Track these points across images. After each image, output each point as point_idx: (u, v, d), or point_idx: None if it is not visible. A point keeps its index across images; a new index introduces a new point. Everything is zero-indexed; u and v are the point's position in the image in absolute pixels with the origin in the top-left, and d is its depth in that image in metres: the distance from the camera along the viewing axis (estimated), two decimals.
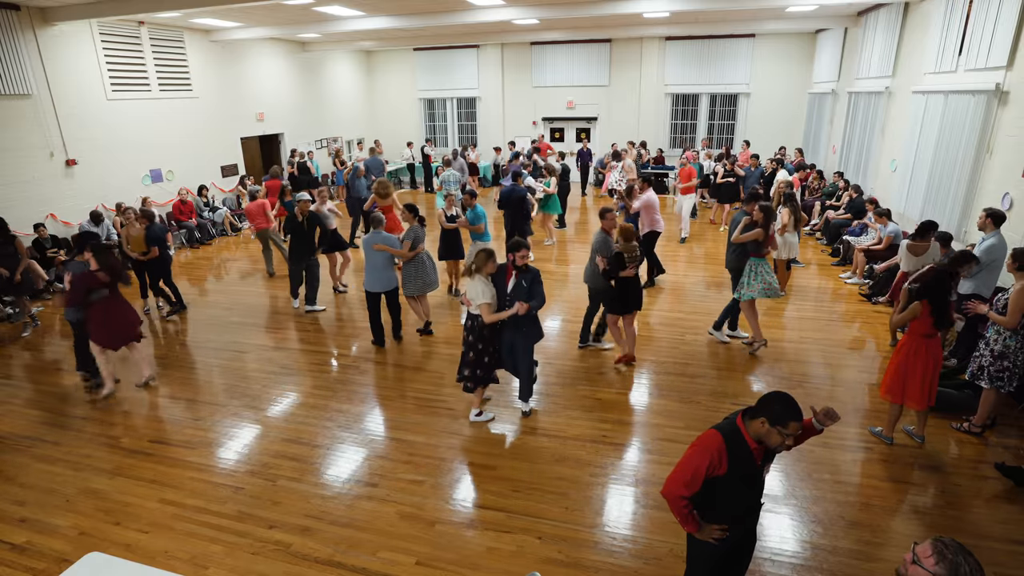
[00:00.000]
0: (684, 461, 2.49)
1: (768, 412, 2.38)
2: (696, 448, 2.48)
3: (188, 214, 11.56)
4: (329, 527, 3.84)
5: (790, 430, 2.36)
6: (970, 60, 7.36)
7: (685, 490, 2.46)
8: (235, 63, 13.36)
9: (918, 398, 4.36)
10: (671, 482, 2.50)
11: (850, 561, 3.47)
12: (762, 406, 2.41)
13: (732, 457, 2.42)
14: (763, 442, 2.42)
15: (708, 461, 2.41)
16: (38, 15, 9.10)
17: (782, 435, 2.37)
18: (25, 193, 9.12)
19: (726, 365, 6.02)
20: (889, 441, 4.60)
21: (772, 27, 13.76)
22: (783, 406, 2.38)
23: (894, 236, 8.00)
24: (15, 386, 5.98)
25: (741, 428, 2.46)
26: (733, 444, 2.43)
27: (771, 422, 2.36)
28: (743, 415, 2.49)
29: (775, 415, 2.36)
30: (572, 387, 5.62)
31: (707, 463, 2.41)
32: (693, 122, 16.89)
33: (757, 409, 2.43)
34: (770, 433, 2.38)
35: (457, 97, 18.46)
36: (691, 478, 2.44)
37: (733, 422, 2.49)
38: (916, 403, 4.40)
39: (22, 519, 3.99)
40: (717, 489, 2.46)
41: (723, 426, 2.50)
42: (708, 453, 2.42)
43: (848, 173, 11.55)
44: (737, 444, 2.43)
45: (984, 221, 5.69)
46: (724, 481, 2.44)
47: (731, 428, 2.47)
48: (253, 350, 6.66)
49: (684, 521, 2.58)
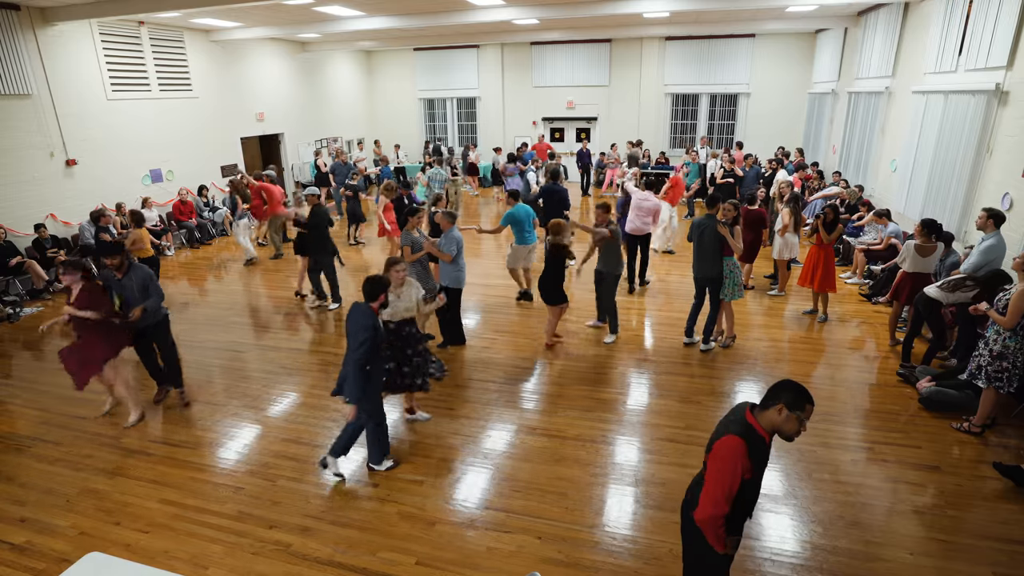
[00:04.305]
0: (715, 478, 2.37)
1: (785, 398, 2.35)
2: (724, 461, 2.37)
3: (188, 214, 11.56)
4: (329, 527, 3.84)
5: (807, 413, 2.35)
6: (970, 60, 7.36)
7: (725, 507, 2.35)
8: (235, 63, 13.36)
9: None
10: (710, 506, 2.36)
11: (850, 561, 3.47)
12: (775, 394, 2.39)
13: (753, 457, 2.38)
14: (779, 431, 2.40)
15: (740, 470, 2.34)
16: (38, 15, 9.09)
17: (800, 420, 2.35)
18: (25, 193, 9.12)
19: (726, 365, 6.02)
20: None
21: (772, 27, 13.76)
22: (796, 391, 2.37)
23: (894, 236, 8.00)
24: (15, 386, 5.97)
25: (753, 423, 2.41)
26: (752, 443, 2.38)
27: (789, 408, 2.34)
28: (751, 409, 2.45)
29: (792, 400, 2.34)
30: (572, 387, 5.62)
31: (740, 473, 2.34)
32: (693, 122, 16.90)
33: (770, 398, 2.40)
34: (788, 420, 2.35)
35: (457, 97, 18.46)
36: (728, 492, 2.35)
37: (743, 420, 2.43)
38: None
39: (22, 519, 3.99)
40: (740, 494, 2.40)
41: (737, 428, 2.41)
42: (737, 461, 2.34)
43: (848, 173, 11.55)
44: (755, 442, 2.39)
45: (984, 221, 5.69)
46: (748, 484, 2.39)
47: (745, 427, 2.40)
48: (253, 350, 6.66)
49: (718, 541, 2.45)
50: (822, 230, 6.72)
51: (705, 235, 5.92)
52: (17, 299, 8.13)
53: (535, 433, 4.86)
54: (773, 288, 8.16)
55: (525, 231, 7.55)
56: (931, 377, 5.34)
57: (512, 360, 6.22)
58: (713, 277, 6.01)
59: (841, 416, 5.02)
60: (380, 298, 4.02)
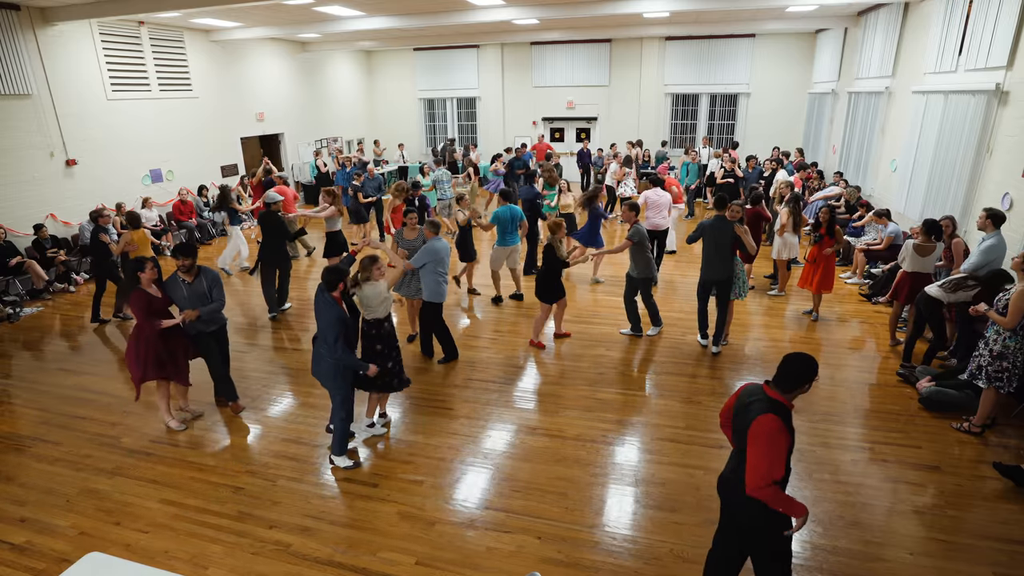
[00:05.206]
0: (759, 453, 2.45)
1: (813, 374, 2.55)
2: (768, 436, 2.45)
3: (188, 214, 11.56)
4: (329, 527, 3.84)
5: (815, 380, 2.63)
6: (970, 60, 7.36)
7: (777, 472, 2.44)
8: (235, 63, 13.36)
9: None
10: (760, 478, 2.43)
11: (850, 561, 3.47)
12: (803, 371, 2.55)
13: (789, 427, 2.51)
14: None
15: (785, 442, 2.47)
16: (38, 15, 9.09)
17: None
18: (25, 193, 9.12)
19: (726, 365, 6.02)
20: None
21: (772, 27, 13.76)
22: (808, 362, 2.57)
23: (894, 236, 7.99)
24: (15, 386, 5.97)
25: (778, 398, 2.55)
26: (786, 419, 2.51)
27: (811, 381, 2.58)
28: (775, 387, 2.59)
29: (813, 372, 2.56)
30: (572, 387, 5.62)
31: (784, 445, 2.47)
32: (693, 122, 16.90)
33: (799, 376, 2.56)
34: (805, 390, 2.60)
35: (457, 97, 18.46)
36: (775, 463, 2.44)
37: (768, 397, 2.56)
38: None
39: (22, 519, 3.99)
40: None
41: (767, 407, 2.52)
42: (783, 435, 2.46)
43: (848, 173, 11.55)
44: (785, 414, 2.52)
45: (984, 221, 5.69)
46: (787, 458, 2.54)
47: (775, 403, 2.53)
48: (253, 350, 6.66)
49: (789, 505, 2.52)
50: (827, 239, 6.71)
51: (720, 237, 5.81)
52: (17, 299, 8.13)
53: (535, 433, 4.86)
54: (773, 288, 8.16)
55: (507, 233, 7.52)
56: (931, 377, 5.34)
57: (512, 360, 6.22)
58: (724, 279, 5.96)
59: (841, 416, 5.02)
60: (340, 287, 4.20)
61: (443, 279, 5.77)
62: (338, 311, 4.13)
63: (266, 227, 7.28)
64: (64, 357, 6.64)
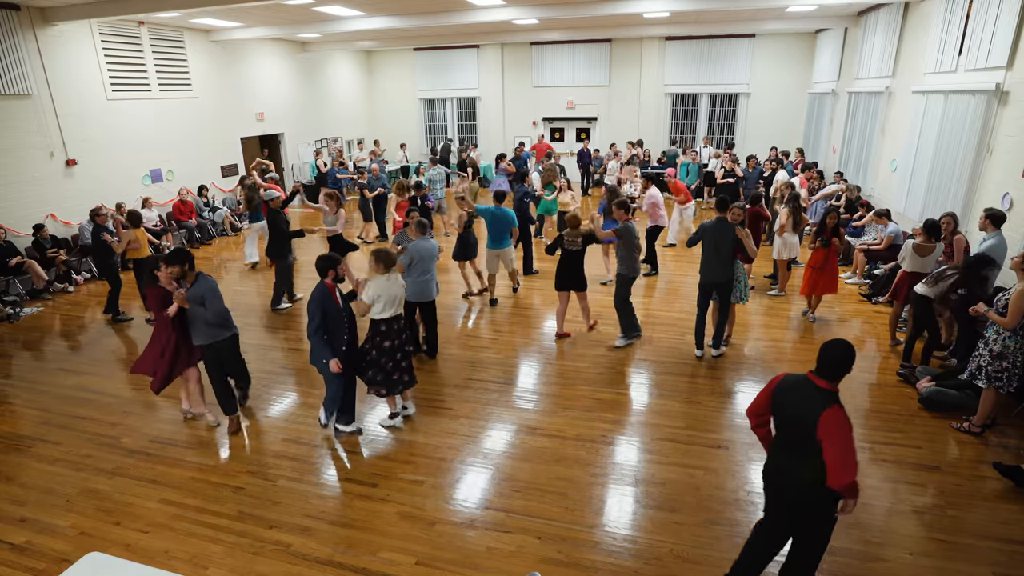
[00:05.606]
0: (844, 446, 2.55)
1: (854, 358, 2.64)
2: (841, 428, 2.56)
3: (188, 214, 11.56)
4: (329, 527, 3.84)
5: None
6: (970, 60, 7.36)
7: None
8: (235, 63, 13.36)
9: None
10: (852, 471, 2.54)
11: (850, 561, 3.47)
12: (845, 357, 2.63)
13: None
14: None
15: (851, 428, 2.60)
16: (38, 15, 9.10)
17: None
18: (25, 193, 9.12)
19: (726, 365, 6.02)
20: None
21: (772, 27, 13.76)
22: (847, 347, 2.65)
23: (894, 236, 7.99)
24: (15, 386, 5.97)
25: (827, 387, 2.66)
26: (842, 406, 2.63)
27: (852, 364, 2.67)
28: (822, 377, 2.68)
29: (854, 355, 2.65)
30: (572, 387, 5.62)
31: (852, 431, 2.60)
32: (693, 122, 16.90)
33: (842, 362, 2.64)
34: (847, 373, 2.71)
35: (457, 97, 18.46)
36: (854, 451, 2.57)
37: (823, 389, 2.64)
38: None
39: (22, 519, 3.99)
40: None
41: (829, 398, 2.61)
42: (849, 422, 2.58)
43: (848, 173, 11.55)
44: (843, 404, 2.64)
45: (984, 222, 5.69)
46: None
47: (832, 394, 2.63)
48: (253, 350, 6.65)
49: (856, 497, 2.71)
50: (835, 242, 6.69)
51: (720, 239, 5.72)
52: (17, 299, 8.13)
53: (535, 433, 4.86)
54: (773, 288, 8.16)
55: (496, 234, 7.49)
56: (931, 377, 5.34)
57: (512, 360, 6.22)
58: (724, 282, 5.87)
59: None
60: (330, 274, 4.45)
61: (428, 279, 5.84)
62: (323, 296, 4.37)
63: (272, 225, 7.65)
64: (64, 357, 6.64)
